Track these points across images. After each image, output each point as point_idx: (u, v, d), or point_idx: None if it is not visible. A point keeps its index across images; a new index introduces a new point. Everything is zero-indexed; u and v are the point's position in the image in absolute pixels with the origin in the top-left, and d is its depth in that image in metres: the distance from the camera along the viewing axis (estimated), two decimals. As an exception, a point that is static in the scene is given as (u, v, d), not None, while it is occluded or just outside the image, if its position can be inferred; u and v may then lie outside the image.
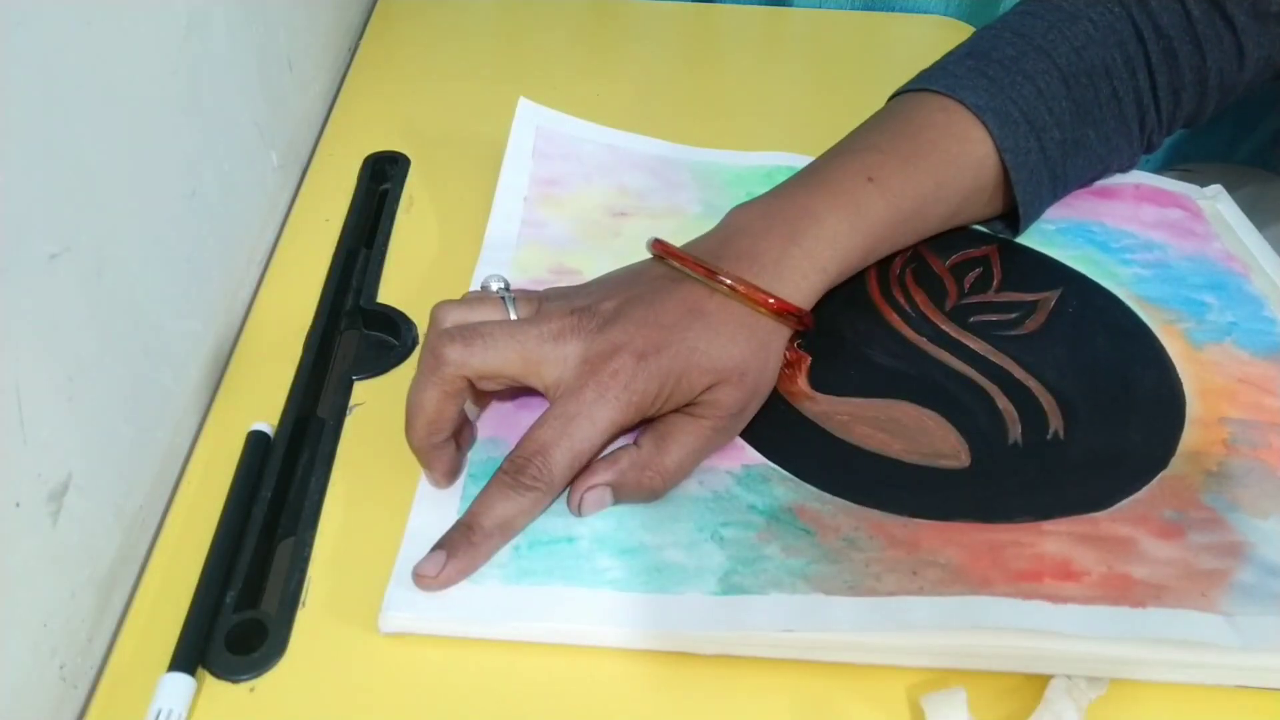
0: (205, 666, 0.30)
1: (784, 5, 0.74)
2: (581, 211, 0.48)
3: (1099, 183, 0.51)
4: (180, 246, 0.37)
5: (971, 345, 0.42)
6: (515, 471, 0.33)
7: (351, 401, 0.38)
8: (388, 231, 0.47)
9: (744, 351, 0.35)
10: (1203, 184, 0.53)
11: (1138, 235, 0.49)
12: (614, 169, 0.51)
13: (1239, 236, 0.49)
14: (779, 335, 0.37)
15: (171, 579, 0.32)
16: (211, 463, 0.36)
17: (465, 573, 0.32)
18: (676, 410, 0.35)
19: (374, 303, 0.43)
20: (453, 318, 0.35)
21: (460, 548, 0.32)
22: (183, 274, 0.37)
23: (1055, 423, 0.38)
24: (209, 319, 0.40)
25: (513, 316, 0.35)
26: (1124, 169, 0.51)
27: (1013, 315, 0.43)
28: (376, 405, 0.38)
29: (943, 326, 0.43)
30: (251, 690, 0.29)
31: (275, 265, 0.45)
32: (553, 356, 0.34)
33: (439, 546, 0.32)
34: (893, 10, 0.74)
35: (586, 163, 0.51)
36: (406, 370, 0.40)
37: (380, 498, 0.35)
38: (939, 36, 0.71)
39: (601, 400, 0.33)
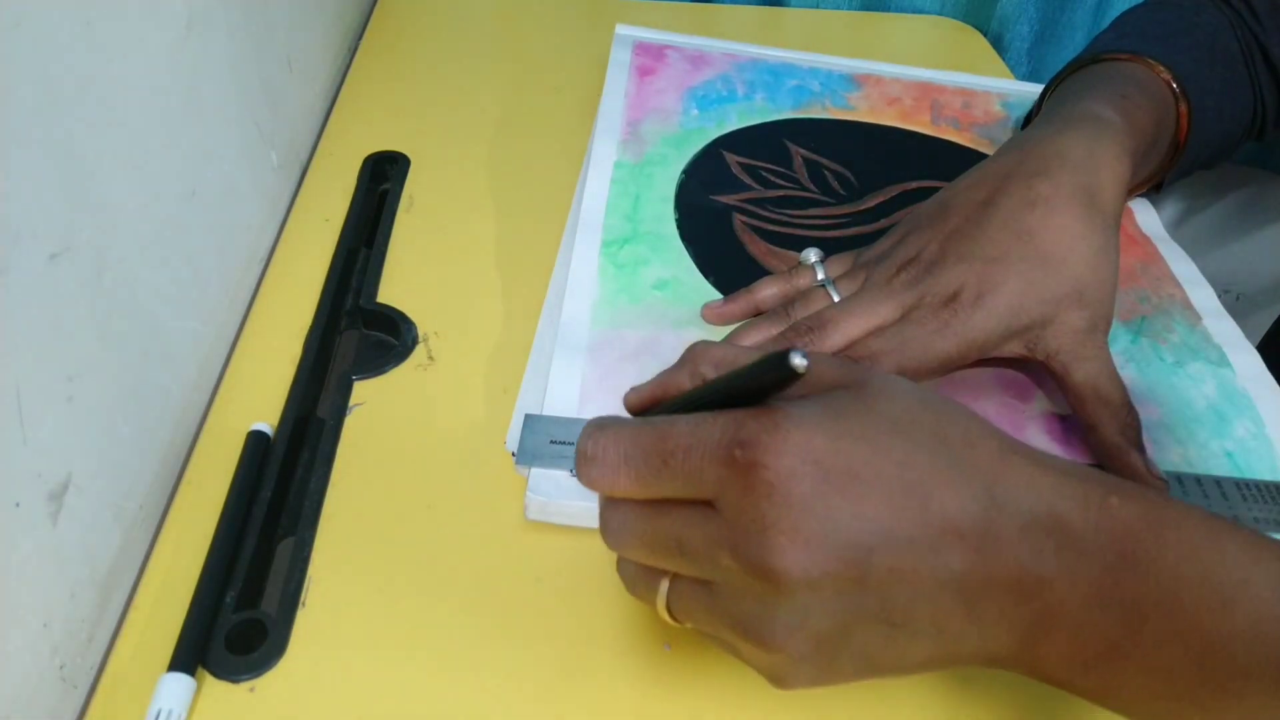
0: (205, 666, 0.30)
1: (780, 5, 0.74)
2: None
3: None
4: (180, 246, 0.37)
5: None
6: (800, 332, 0.36)
7: (351, 401, 0.38)
8: (388, 231, 0.47)
9: (1078, 268, 0.36)
10: (1203, 183, 0.53)
11: None
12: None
13: None
14: (1113, 236, 0.37)
15: (171, 579, 0.32)
16: (211, 463, 0.36)
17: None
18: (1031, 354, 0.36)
19: (374, 303, 0.43)
20: (772, 293, 0.40)
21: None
22: (183, 274, 0.37)
23: None
24: (209, 319, 0.40)
25: (835, 298, 0.38)
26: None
27: None
28: (376, 405, 0.38)
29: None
30: (251, 690, 0.29)
31: (275, 265, 0.45)
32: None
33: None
34: (889, 10, 0.74)
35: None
36: (406, 370, 0.40)
37: (380, 498, 0.35)
38: (935, 36, 0.71)
39: (939, 334, 0.35)
